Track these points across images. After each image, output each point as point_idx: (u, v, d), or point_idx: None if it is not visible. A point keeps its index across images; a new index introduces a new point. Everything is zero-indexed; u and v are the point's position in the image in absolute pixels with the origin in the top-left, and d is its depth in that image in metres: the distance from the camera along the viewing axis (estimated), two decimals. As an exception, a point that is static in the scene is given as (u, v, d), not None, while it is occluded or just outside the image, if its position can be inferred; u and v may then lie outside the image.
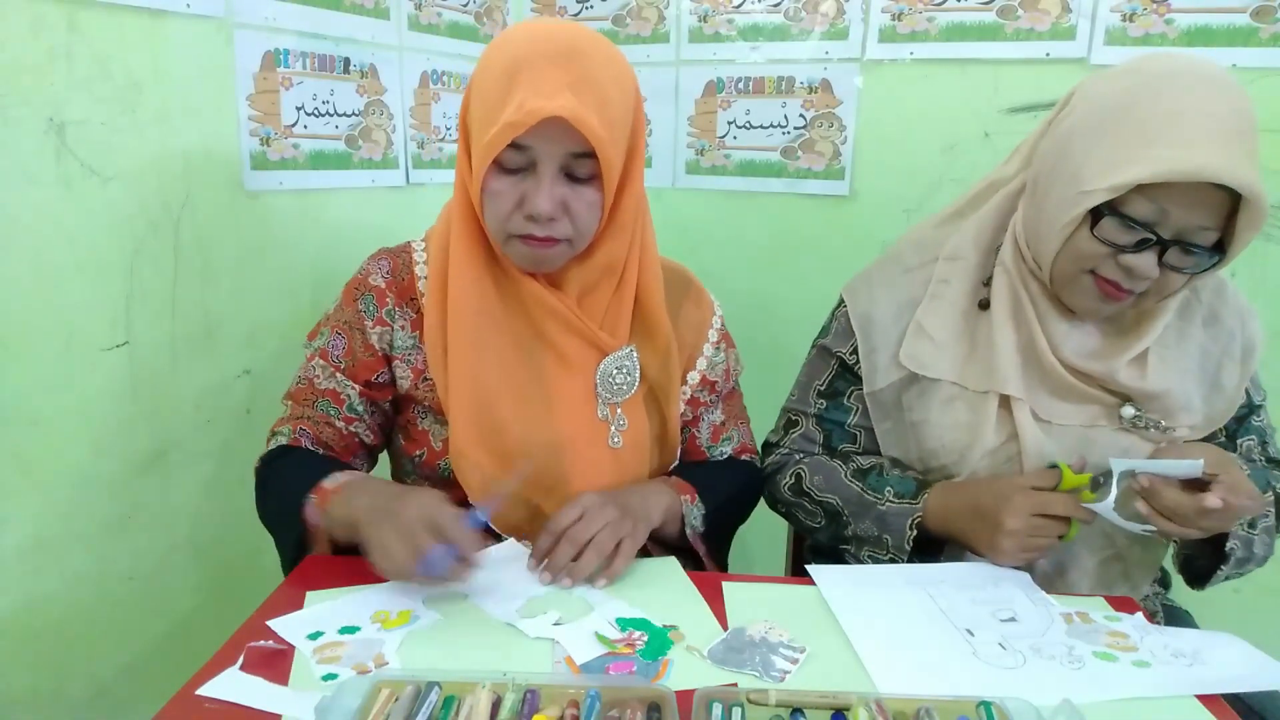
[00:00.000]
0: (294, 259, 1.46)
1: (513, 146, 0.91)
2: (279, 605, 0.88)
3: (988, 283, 1.09)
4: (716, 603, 0.92)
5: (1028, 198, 1.06)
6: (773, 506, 1.25)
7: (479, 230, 1.01)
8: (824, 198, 1.87)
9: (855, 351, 1.14)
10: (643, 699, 0.71)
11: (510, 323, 1.03)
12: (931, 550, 1.08)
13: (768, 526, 1.30)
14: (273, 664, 0.79)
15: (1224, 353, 1.07)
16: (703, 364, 1.15)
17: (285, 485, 0.99)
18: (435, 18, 1.74)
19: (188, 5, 1.23)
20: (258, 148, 1.37)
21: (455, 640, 0.84)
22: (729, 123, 1.92)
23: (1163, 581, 1.19)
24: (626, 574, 0.96)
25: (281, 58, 1.39)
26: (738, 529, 1.23)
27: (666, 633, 0.85)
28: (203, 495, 1.35)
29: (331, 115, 1.50)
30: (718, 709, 0.71)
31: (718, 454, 1.21)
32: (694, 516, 1.08)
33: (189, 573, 1.35)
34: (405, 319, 1.07)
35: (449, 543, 0.84)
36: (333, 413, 1.07)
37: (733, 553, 1.23)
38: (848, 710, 0.71)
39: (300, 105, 1.43)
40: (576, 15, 2.01)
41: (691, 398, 1.16)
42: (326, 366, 1.07)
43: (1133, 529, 0.96)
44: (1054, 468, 1.00)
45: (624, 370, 1.06)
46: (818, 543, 1.20)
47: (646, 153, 2.00)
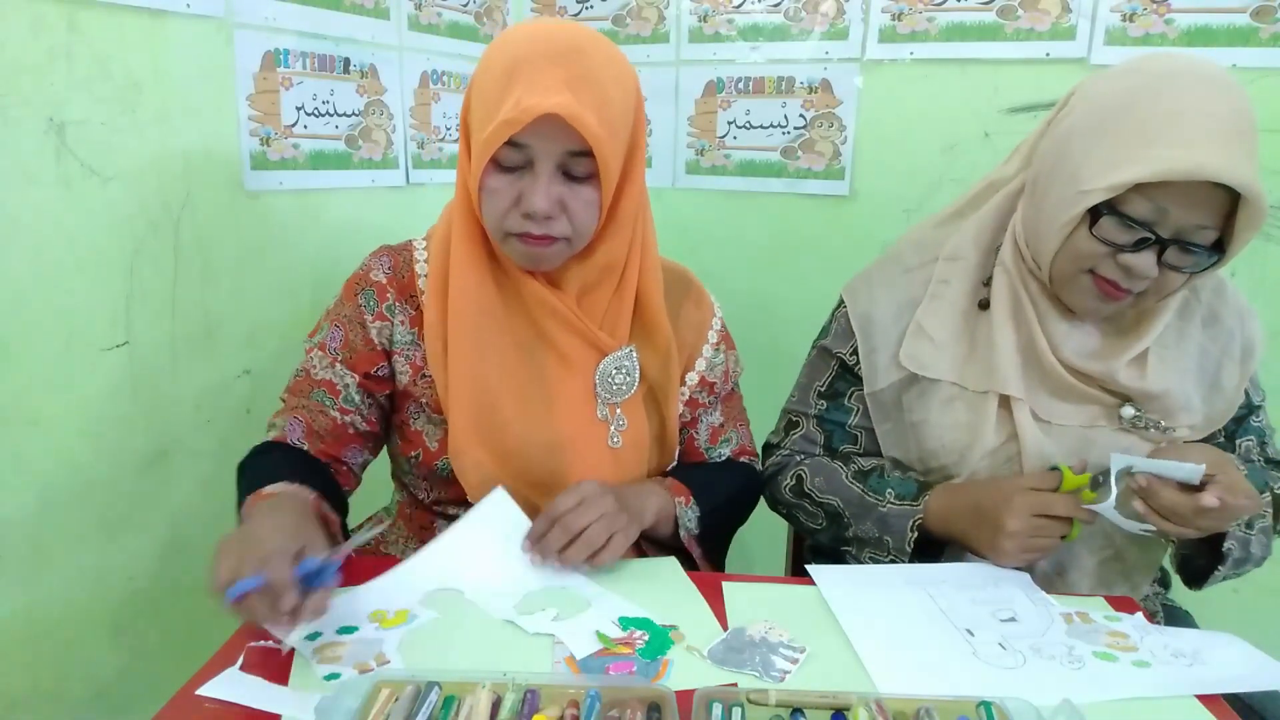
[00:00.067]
0: (294, 259, 1.46)
1: (510, 144, 0.91)
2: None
3: (987, 283, 1.09)
4: (716, 603, 0.92)
5: (1027, 197, 1.06)
6: (774, 508, 1.25)
7: (480, 229, 1.01)
8: (824, 198, 1.87)
9: (855, 352, 1.14)
10: (643, 699, 0.71)
11: (511, 322, 1.03)
12: (932, 552, 1.08)
13: (768, 526, 1.30)
14: (272, 664, 0.79)
15: (1223, 353, 1.08)
16: (702, 365, 1.15)
17: (243, 484, 1.00)
18: (435, 18, 1.74)
19: (188, 5, 1.23)
20: (258, 148, 1.37)
21: (456, 638, 0.85)
22: (729, 123, 1.92)
23: (1163, 581, 1.19)
24: (627, 574, 0.96)
25: (281, 58, 1.39)
26: (736, 531, 1.22)
27: (667, 632, 0.85)
28: (203, 495, 1.35)
29: (331, 115, 1.50)
30: (718, 709, 0.71)
31: (716, 455, 1.21)
32: (688, 519, 1.08)
33: (189, 573, 1.35)
34: (405, 315, 1.07)
35: (264, 578, 0.75)
36: (328, 403, 1.07)
37: (733, 553, 1.23)
38: (848, 710, 0.71)
39: (300, 105, 1.43)
40: (576, 15, 2.01)
41: (690, 399, 1.16)
42: (324, 358, 1.07)
43: (1133, 528, 0.96)
44: (1055, 470, 1.00)
45: (623, 370, 1.06)
46: (819, 544, 1.20)
47: (646, 153, 2.00)
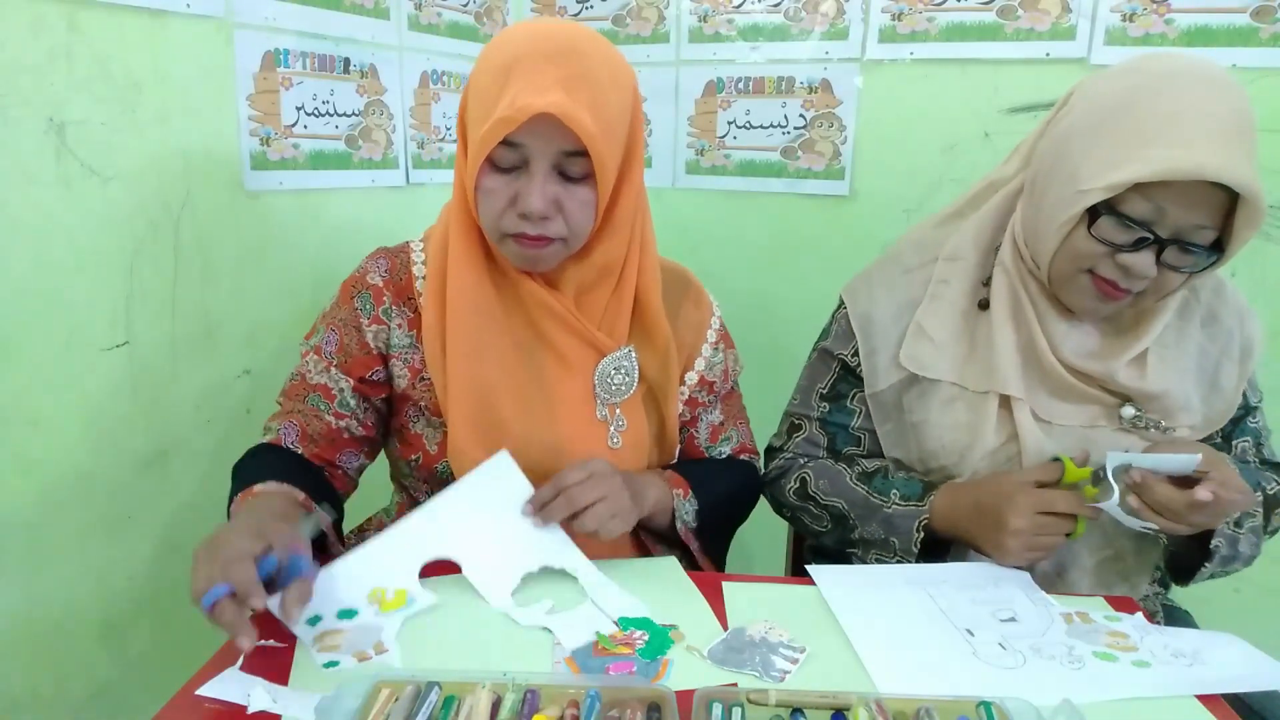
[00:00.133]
0: (294, 259, 1.46)
1: (505, 144, 0.91)
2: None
3: (987, 283, 1.09)
4: (716, 603, 0.92)
5: (1026, 197, 1.06)
6: (777, 511, 1.24)
7: (477, 230, 1.00)
8: (824, 198, 1.87)
9: (857, 353, 1.14)
10: (643, 699, 0.71)
11: (509, 323, 1.03)
12: (938, 552, 1.07)
13: (768, 526, 1.30)
14: (273, 664, 0.79)
15: (1222, 353, 1.08)
16: (701, 364, 1.15)
17: (234, 485, 1.00)
18: (435, 18, 1.74)
19: (188, 5, 1.23)
20: (258, 148, 1.37)
21: (453, 628, 0.86)
22: (729, 123, 1.92)
23: (1163, 582, 1.19)
24: (627, 573, 0.96)
25: (281, 58, 1.39)
26: (736, 529, 1.22)
27: (667, 632, 0.85)
28: (203, 495, 1.35)
29: (331, 115, 1.50)
30: (718, 709, 0.71)
31: (716, 454, 1.21)
32: (685, 511, 1.08)
33: (189, 572, 1.34)
34: (402, 318, 1.07)
35: (231, 584, 0.77)
36: (323, 407, 1.06)
37: (733, 553, 1.23)
38: (848, 710, 0.71)
39: (300, 105, 1.43)
40: (576, 15, 2.01)
41: (689, 398, 1.16)
42: (319, 361, 1.07)
43: (1136, 525, 0.96)
44: (1056, 461, 0.99)
45: (622, 371, 1.06)
46: (823, 546, 1.20)
47: (646, 153, 2.00)
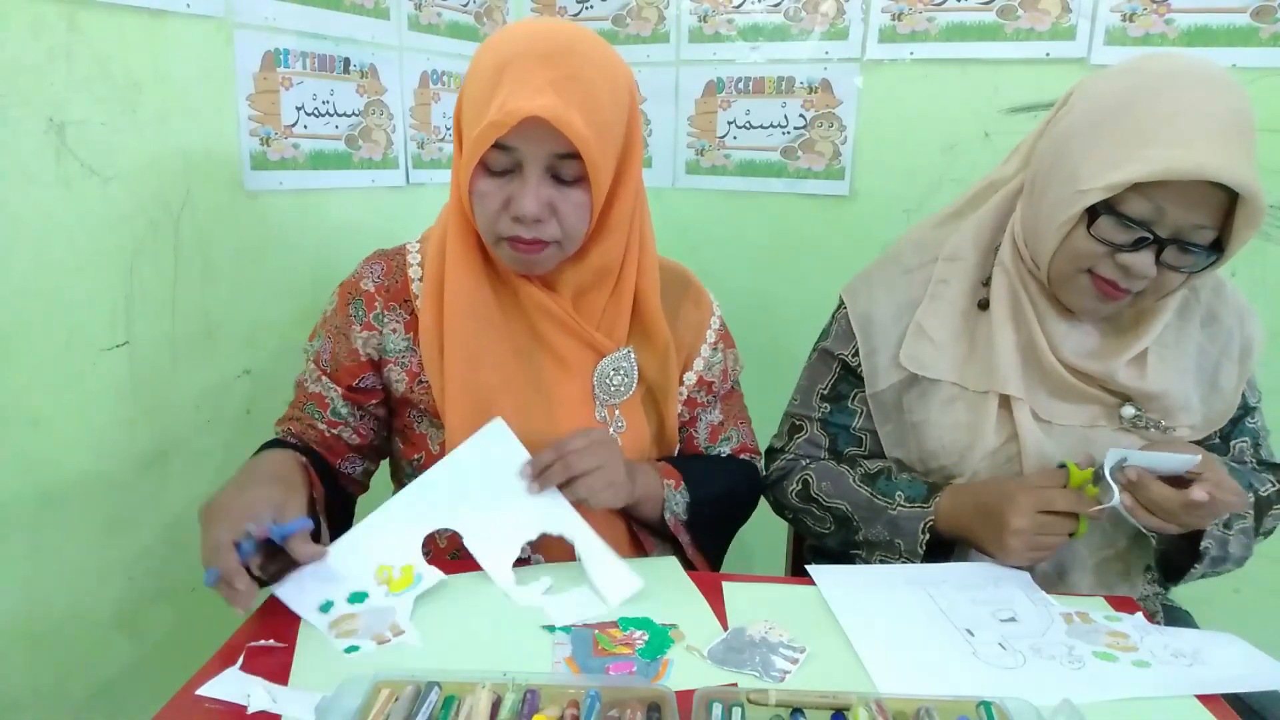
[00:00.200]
0: (294, 259, 1.46)
1: (498, 147, 0.90)
2: (279, 606, 0.88)
3: (987, 283, 1.09)
4: (716, 603, 0.92)
5: (1026, 197, 1.06)
6: (779, 513, 1.24)
7: (474, 232, 1.00)
8: (824, 198, 1.87)
9: (857, 353, 1.14)
10: (643, 699, 0.71)
11: (507, 325, 1.03)
12: (942, 552, 1.07)
13: (768, 526, 1.30)
14: (273, 664, 0.79)
15: (1222, 353, 1.08)
16: (699, 365, 1.15)
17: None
18: (435, 18, 1.74)
19: (188, 5, 1.23)
20: (258, 148, 1.37)
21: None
22: (729, 123, 1.92)
23: (1162, 582, 1.19)
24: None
25: (281, 58, 1.39)
26: (736, 530, 1.22)
27: (667, 632, 0.85)
28: (203, 495, 1.34)
29: (331, 115, 1.50)
30: (718, 709, 0.71)
31: (716, 454, 1.21)
32: (675, 502, 1.07)
33: (189, 573, 1.35)
34: (398, 321, 1.07)
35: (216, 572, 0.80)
36: (317, 416, 1.09)
37: (733, 553, 1.23)
38: (848, 710, 0.71)
39: (300, 105, 1.43)
40: (576, 15, 2.01)
41: (688, 398, 1.15)
42: (315, 370, 1.10)
43: (1134, 522, 0.96)
44: (1061, 468, 0.99)
45: (621, 372, 1.06)
46: (826, 547, 1.20)
47: (646, 153, 2.00)
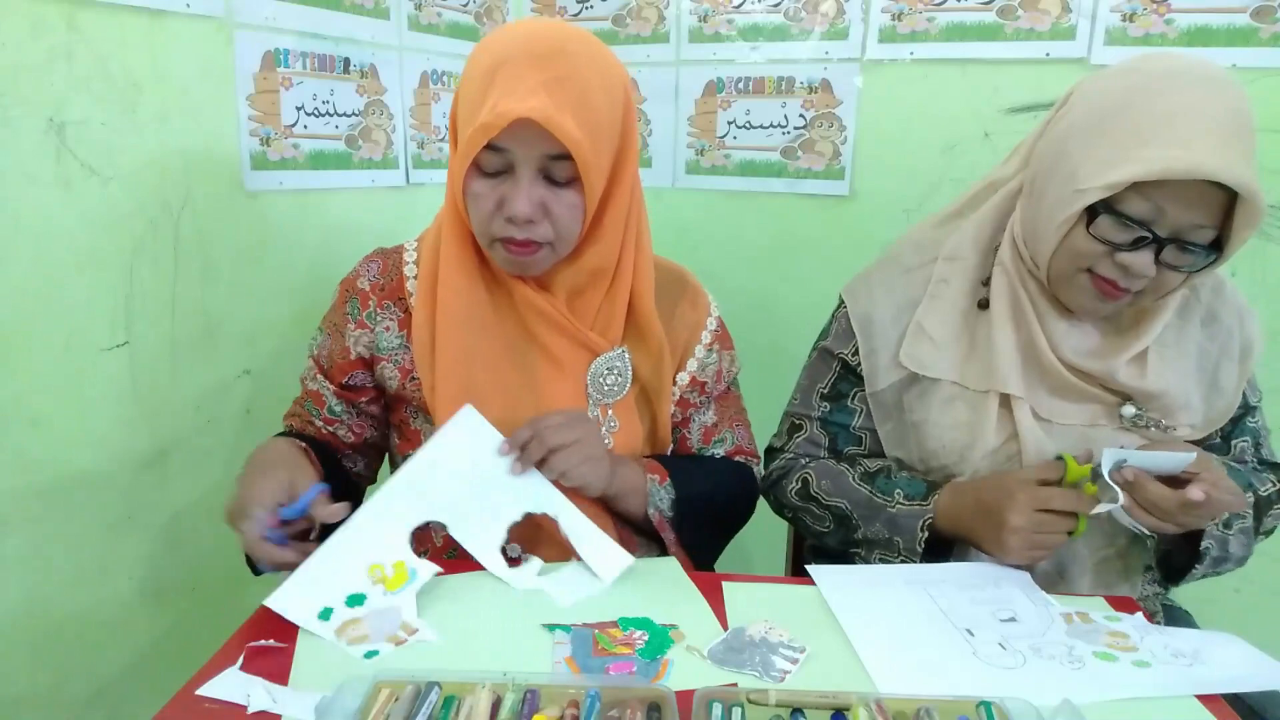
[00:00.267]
0: (294, 259, 1.46)
1: (490, 148, 0.91)
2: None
3: (987, 282, 1.09)
4: (716, 603, 0.92)
5: (1025, 197, 1.06)
6: (779, 512, 1.24)
7: (469, 233, 1.01)
8: (824, 198, 1.87)
9: (857, 352, 1.14)
10: (643, 699, 0.71)
11: (501, 325, 1.03)
12: (942, 551, 1.07)
13: (768, 526, 1.29)
14: (273, 664, 0.79)
15: (1222, 352, 1.08)
16: (693, 365, 1.14)
17: None
18: (435, 18, 1.74)
19: (188, 5, 1.23)
20: (258, 148, 1.37)
21: (454, 628, 0.86)
22: (729, 123, 1.92)
23: (1163, 582, 1.19)
24: (626, 573, 0.96)
25: (281, 58, 1.39)
26: (729, 534, 1.20)
27: (667, 632, 0.85)
28: (203, 495, 1.35)
29: (331, 115, 1.50)
30: (718, 709, 0.71)
31: (709, 455, 1.20)
32: (659, 497, 1.06)
33: (189, 573, 1.35)
34: (391, 319, 1.08)
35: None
36: (314, 414, 1.12)
37: (733, 553, 1.22)
38: (848, 710, 0.71)
39: (300, 105, 1.43)
40: (576, 15, 2.01)
41: (681, 398, 1.15)
42: (313, 368, 1.12)
43: (1130, 525, 0.96)
44: (1059, 459, 0.99)
45: (615, 371, 1.06)
46: (826, 547, 1.20)
47: (646, 153, 2.00)
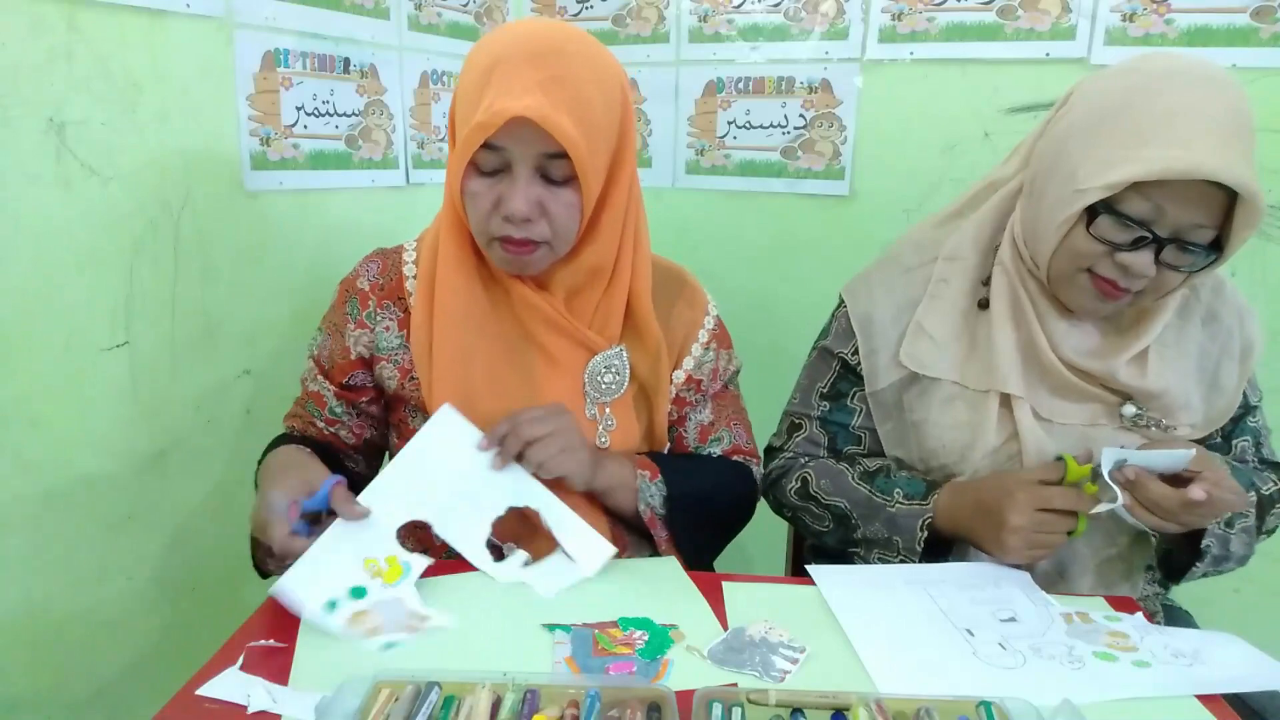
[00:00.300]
0: (294, 259, 1.46)
1: (487, 147, 0.91)
2: (279, 606, 0.88)
3: (987, 282, 1.09)
4: (716, 603, 0.92)
5: (1025, 197, 1.06)
6: (778, 511, 1.24)
7: (467, 233, 1.01)
8: (824, 198, 1.87)
9: (857, 351, 1.14)
10: (643, 699, 0.71)
11: (498, 325, 1.04)
12: (941, 550, 1.07)
13: (768, 526, 1.29)
14: (273, 664, 0.79)
15: (1223, 351, 1.08)
16: (690, 363, 1.14)
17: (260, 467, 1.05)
18: (435, 18, 1.74)
19: (188, 5, 1.23)
20: (258, 148, 1.37)
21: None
22: (729, 123, 1.92)
23: (1163, 582, 1.19)
24: (627, 574, 0.96)
25: (281, 58, 1.39)
26: (727, 534, 1.19)
27: (667, 632, 0.85)
28: (203, 495, 1.35)
29: (331, 115, 1.50)
30: (718, 709, 0.71)
31: (707, 454, 1.19)
32: (650, 494, 1.05)
33: (189, 573, 1.35)
34: (391, 319, 1.08)
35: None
36: (315, 414, 1.12)
37: (733, 553, 1.22)
38: (848, 710, 0.71)
39: (300, 105, 1.43)
40: (576, 15, 2.01)
41: (676, 396, 1.15)
42: (314, 369, 1.12)
43: (1133, 522, 0.96)
44: (1059, 460, 0.99)
45: (613, 370, 1.06)
46: (825, 546, 1.20)
47: (646, 153, 2.00)
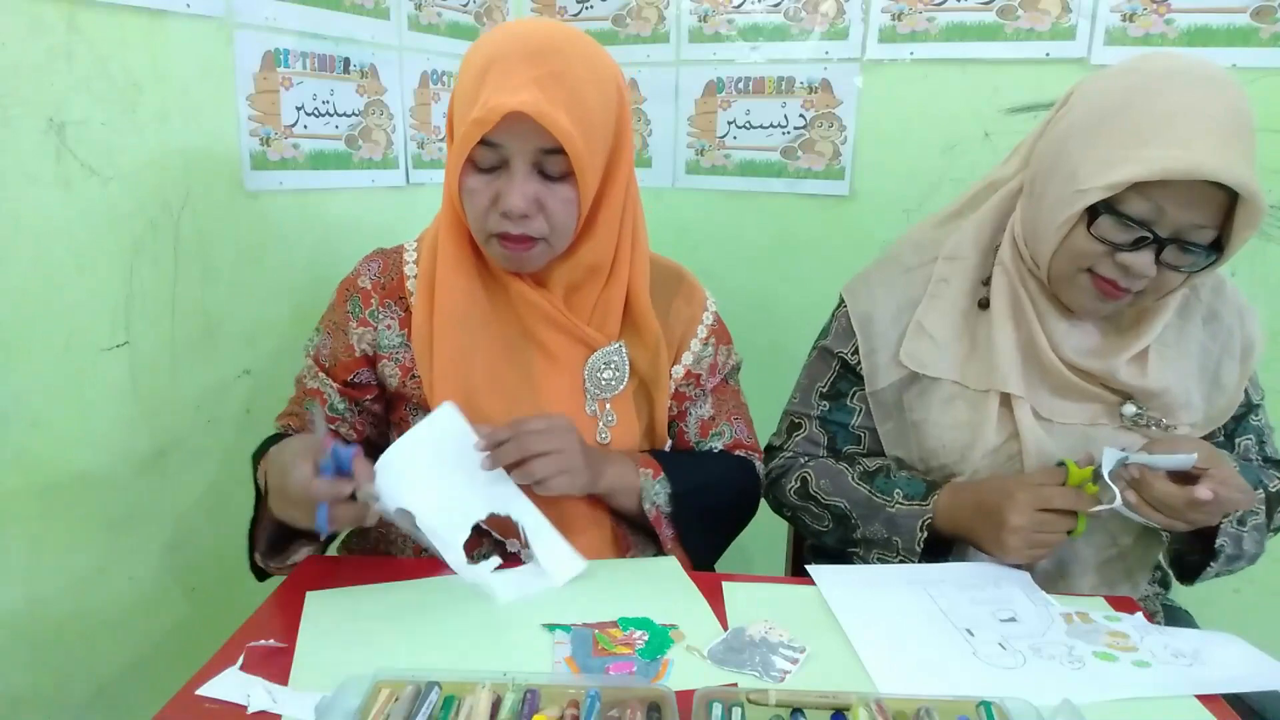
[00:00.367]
0: (294, 259, 1.46)
1: (485, 144, 0.92)
2: (279, 606, 0.88)
3: (987, 282, 1.09)
4: (716, 603, 0.92)
5: (1025, 197, 1.06)
6: (778, 511, 1.24)
7: (466, 231, 1.01)
8: (824, 198, 1.87)
9: (857, 351, 1.14)
10: (643, 699, 0.71)
11: (498, 322, 1.04)
12: (940, 551, 1.07)
13: (768, 527, 1.29)
14: (273, 664, 0.79)
15: (1223, 351, 1.08)
16: (688, 358, 1.14)
17: (255, 464, 1.04)
18: (435, 18, 1.74)
19: (188, 5, 1.23)
20: (258, 148, 1.37)
21: (453, 628, 0.87)
22: (729, 123, 1.92)
23: (1163, 582, 1.19)
24: (627, 574, 0.96)
25: (281, 58, 1.39)
26: (734, 529, 1.20)
27: (667, 632, 0.85)
28: (203, 495, 1.35)
29: (331, 115, 1.50)
30: (718, 709, 0.71)
31: (707, 449, 1.20)
32: (654, 492, 1.05)
33: (189, 573, 1.35)
34: (392, 318, 1.08)
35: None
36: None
37: (733, 553, 1.22)
38: (848, 710, 0.71)
39: (300, 105, 1.43)
40: (576, 15, 2.01)
41: (676, 391, 1.15)
42: (313, 367, 1.12)
43: (1138, 519, 0.95)
44: (1060, 466, 0.99)
45: (613, 366, 1.06)
46: (825, 546, 1.19)
47: (646, 153, 2.00)
